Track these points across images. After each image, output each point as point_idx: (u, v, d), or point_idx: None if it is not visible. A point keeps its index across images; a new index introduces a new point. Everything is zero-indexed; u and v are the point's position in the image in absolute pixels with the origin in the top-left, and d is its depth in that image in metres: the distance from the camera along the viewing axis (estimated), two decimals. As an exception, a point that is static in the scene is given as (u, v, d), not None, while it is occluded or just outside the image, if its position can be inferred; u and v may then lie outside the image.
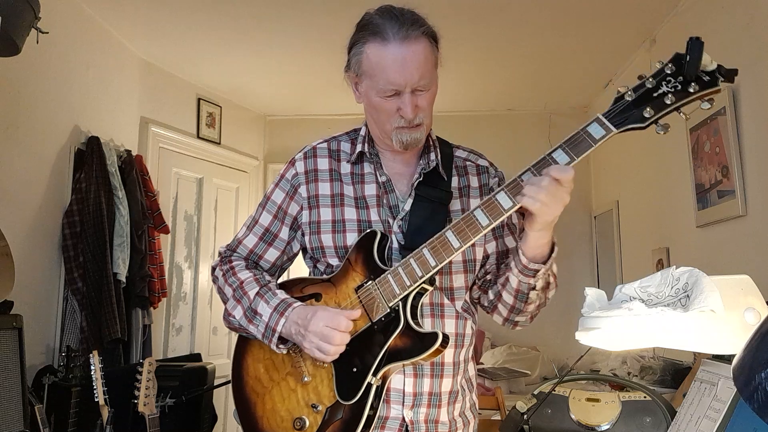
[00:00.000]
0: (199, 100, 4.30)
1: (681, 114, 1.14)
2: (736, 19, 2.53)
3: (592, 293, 1.19)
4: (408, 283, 1.25)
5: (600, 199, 4.52)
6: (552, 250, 1.26)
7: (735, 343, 1.05)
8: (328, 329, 1.24)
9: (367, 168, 1.41)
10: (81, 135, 3.14)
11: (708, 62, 1.11)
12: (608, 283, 4.00)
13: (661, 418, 1.56)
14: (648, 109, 1.13)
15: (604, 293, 1.19)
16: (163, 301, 3.61)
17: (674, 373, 2.72)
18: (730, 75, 1.11)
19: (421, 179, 1.39)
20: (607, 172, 4.39)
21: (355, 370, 1.27)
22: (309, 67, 3.86)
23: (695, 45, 1.09)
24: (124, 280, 3.13)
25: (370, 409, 1.25)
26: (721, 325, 1.04)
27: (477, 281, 1.46)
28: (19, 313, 2.13)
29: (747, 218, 2.44)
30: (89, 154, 3.09)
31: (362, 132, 1.44)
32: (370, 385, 1.25)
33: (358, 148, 1.41)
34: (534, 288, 1.29)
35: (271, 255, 1.46)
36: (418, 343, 1.24)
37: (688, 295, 1.07)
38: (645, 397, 1.60)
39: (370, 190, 1.40)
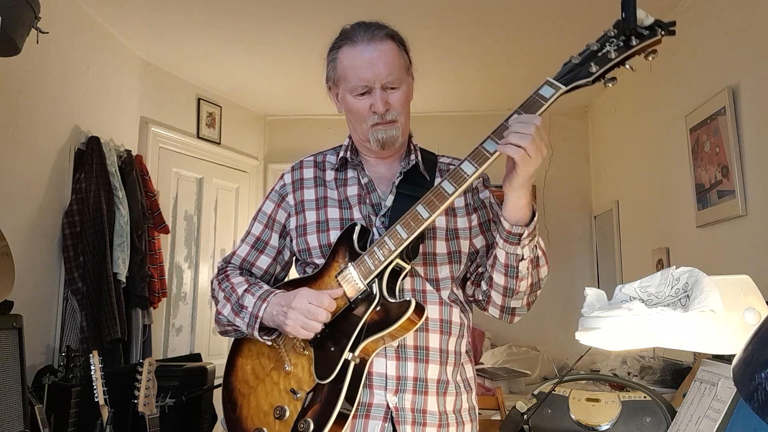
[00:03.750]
0: (199, 100, 4.30)
1: (627, 66, 1.21)
2: (736, 18, 2.53)
3: (592, 293, 1.19)
4: (382, 259, 1.28)
5: (600, 199, 4.52)
6: (533, 215, 1.29)
7: (735, 343, 1.05)
8: (313, 306, 1.28)
9: (351, 173, 1.48)
10: (81, 135, 3.14)
11: (644, 17, 1.18)
12: (608, 283, 4.00)
13: (661, 418, 1.56)
14: (593, 65, 1.21)
15: (604, 293, 1.19)
16: (163, 301, 3.61)
17: (674, 373, 2.72)
18: (667, 27, 1.18)
19: (402, 178, 1.44)
20: (607, 172, 4.39)
21: (332, 349, 1.29)
22: (309, 67, 3.86)
23: (628, 3, 1.18)
24: (124, 280, 3.13)
25: (348, 388, 1.25)
26: (721, 325, 1.04)
27: (470, 276, 1.47)
28: (19, 313, 2.13)
29: (747, 218, 2.44)
30: (89, 154, 3.09)
31: (345, 143, 1.51)
32: (347, 361, 1.27)
33: (342, 155, 1.48)
34: (522, 258, 1.30)
35: (263, 262, 1.51)
36: (392, 312, 1.26)
37: (688, 295, 1.07)
38: (645, 397, 1.60)
39: (353, 191, 1.45)
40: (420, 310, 1.26)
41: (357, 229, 1.36)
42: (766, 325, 0.66)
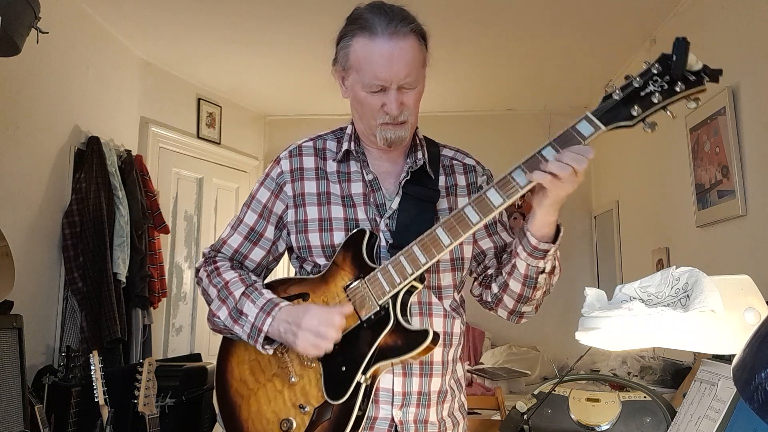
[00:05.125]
0: (199, 100, 4.30)
1: (668, 112, 1.16)
2: (736, 18, 2.53)
3: (592, 293, 1.19)
4: (398, 281, 1.23)
5: (600, 199, 4.52)
6: (558, 231, 1.26)
7: (735, 343, 1.05)
8: (323, 326, 1.22)
9: (354, 166, 1.40)
10: (81, 135, 3.14)
11: (694, 62, 1.11)
12: (608, 283, 4.00)
13: (661, 418, 1.56)
14: (636, 108, 1.14)
15: (604, 293, 1.19)
16: (163, 301, 3.61)
17: (674, 373, 2.72)
18: (715, 75, 1.12)
19: (408, 178, 1.37)
20: (607, 172, 4.39)
21: (344, 369, 1.25)
22: (309, 67, 3.86)
23: (681, 45, 1.10)
24: (124, 280, 3.13)
25: (359, 408, 1.22)
26: (721, 325, 1.04)
27: (477, 277, 1.45)
28: (19, 313, 2.13)
29: (747, 218, 2.44)
30: (89, 154, 3.09)
31: (348, 130, 1.42)
32: (359, 384, 1.23)
33: (344, 146, 1.40)
34: (543, 271, 1.27)
35: (257, 255, 1.43)
36: (408, 340, 1.22)
37: (688, 295, 1.07)
38: (645, 397, 1.60)
39: (357, 188, 1.38)
40: (436, 338, 1.22)
41: (366, 236, 1.30)
42: (766, 325, 0.66)
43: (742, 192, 2.44)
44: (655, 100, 1.13)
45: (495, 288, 1.37)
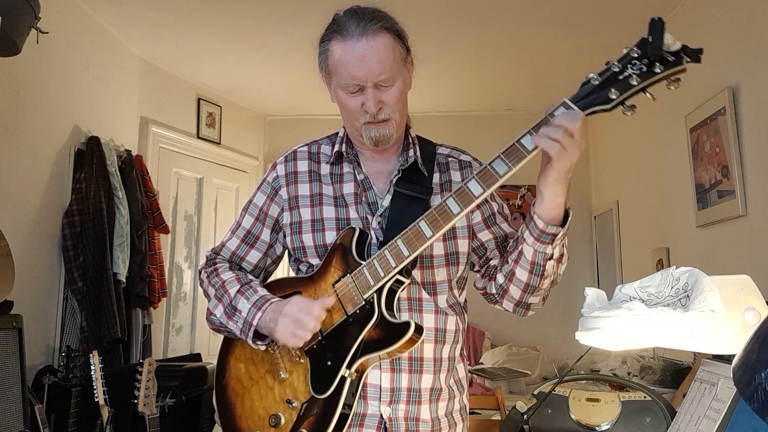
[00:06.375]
0: (199, 100, 4.30)
1: (647, 94, 1.14)
2: (736, 18, 2.53)
3: (592, 293, 1.19)
4: (382, 275, 1.25)
5: (600, 199, 4.52)
6: (566, 215, 1.24)
7: (735, 343, 1.05)
8: (302, 314, 1.24)
9: (347, 168, 1.42)
10: (81, 135, 3.14)
11: (671, 42, 1.09)
12: (608, 283, 4.00)
13: (661, 418, 1.56)
14: (613, 91, 1.14)
15: (604, 293, 1.19)
16: (163, 301, 3.61)
17: (674, 373, 2.72)
18: (695, 54, 1.09)
19: (399, 175, 1.38)
20: (607, 172, 4.39)
21: (329, 363, 1.26)
22: (309, 68, 3.82)
23: (656, 25, 1.09)
24: (124, 280, 3.13)
25: (344, 403, 1.24)
26: (721, 325, 1.04)
27: (480, 270, 1.44)
28: (19, 313, 2.13)
29: (747, 218, 2.44)
30: (89, 154, 3.09)
31: (341, 133, 1.45)
32: (344, 378, 1.24)
33: (337, 148, 1.42)
34: (551, 257, 1.26)
35: (253, 257, 1.47)
36: (391, 333, 1.23)
37: (688, 295, 1.07)
38: (645, 397, 1.60)
39: (349, 188, 1.40)
40: (419, 330, 1.23)
41: (356, 234, 1.32)
42: (766, 325, 0.66)
43: (742, 192, 2.44)
44: (634, 83, 1.12)
45: (500, 279, 1.35)
